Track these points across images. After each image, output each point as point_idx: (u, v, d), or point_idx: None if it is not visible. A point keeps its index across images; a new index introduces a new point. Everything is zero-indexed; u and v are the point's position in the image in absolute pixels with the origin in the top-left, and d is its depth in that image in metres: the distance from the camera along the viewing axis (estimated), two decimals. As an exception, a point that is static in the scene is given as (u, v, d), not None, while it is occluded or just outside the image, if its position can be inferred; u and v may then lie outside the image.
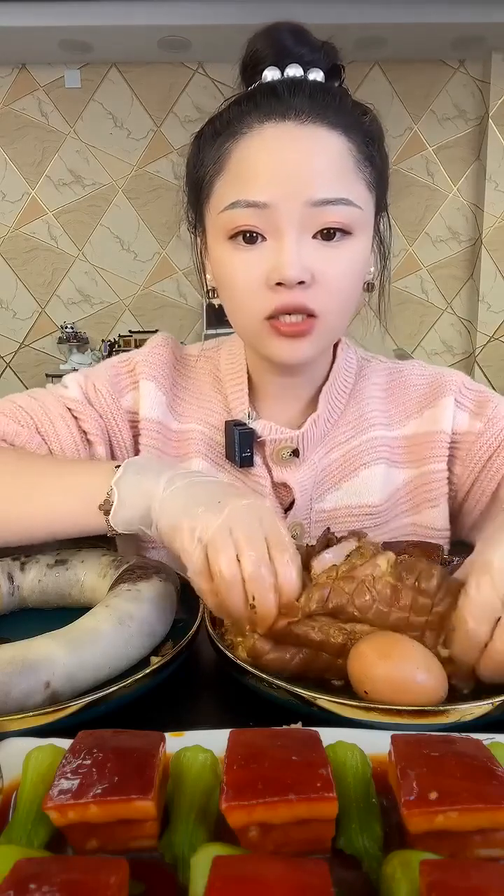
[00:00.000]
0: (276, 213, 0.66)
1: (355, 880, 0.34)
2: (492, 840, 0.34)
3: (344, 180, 0.67)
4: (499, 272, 4.22)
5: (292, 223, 0.66)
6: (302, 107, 0.67)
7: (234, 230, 0.68)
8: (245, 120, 0.68)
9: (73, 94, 4.10)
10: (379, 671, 0.48)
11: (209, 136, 0.72)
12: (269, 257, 0.67)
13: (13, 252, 4.27)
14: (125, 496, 0.61)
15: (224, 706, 0.56)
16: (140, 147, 4.19)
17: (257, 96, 0.69)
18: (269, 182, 0.66)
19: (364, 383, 0.85)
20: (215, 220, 0.70)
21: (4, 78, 4.06)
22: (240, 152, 0.68)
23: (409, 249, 4.30)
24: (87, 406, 0.80)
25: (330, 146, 0.67)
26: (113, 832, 0.35)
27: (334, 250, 0.68)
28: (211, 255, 0.74)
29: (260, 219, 0.67)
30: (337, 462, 0.83)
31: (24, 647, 0.50)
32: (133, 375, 0.83)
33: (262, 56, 0.71)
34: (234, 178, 0.68)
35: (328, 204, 0.66)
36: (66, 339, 4.19)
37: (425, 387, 0.85)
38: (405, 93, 4.12)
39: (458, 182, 4.24)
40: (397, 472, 0.84)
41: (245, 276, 0.69)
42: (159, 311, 4.33)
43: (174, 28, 3.55)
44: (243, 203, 0.66)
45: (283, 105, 0.67)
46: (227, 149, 0.69)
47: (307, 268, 0.66)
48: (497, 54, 3.92)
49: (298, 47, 0.71)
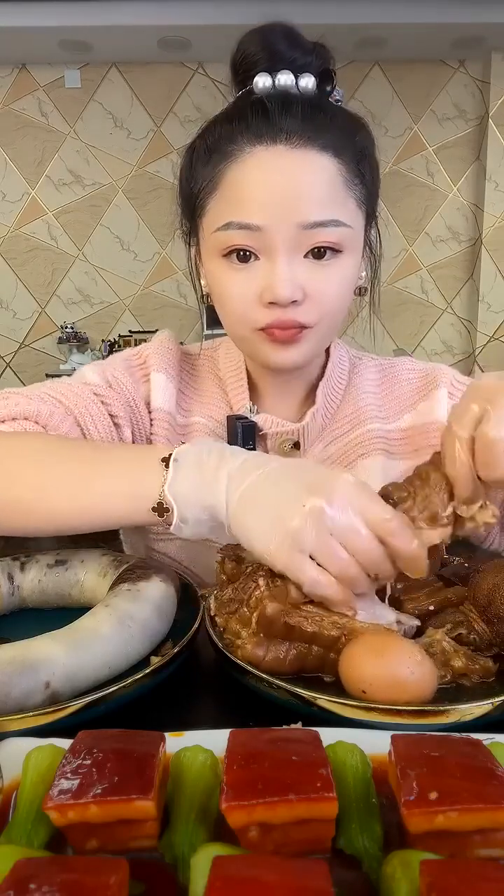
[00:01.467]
0: (268, 235, 0.68)
1: (355, 880, 0.34)
2: (492, 840, 0.34)
3: (334, 201, 0.69)
4: (499, 272, 4.22)
5: (284, 244, 0.68)
6: (293, 128, 0.67)
7: (228, 249, 0.70)
8: (237, 140, 0.69)
9: (73, 94, 4.10)
10: (375, 670, 0.48)
11: (202, 152, 0.73)
12: (261, 276, 0.69)
13: (13, 252, 4.27)
14: (185, 512, 0.56)
15: (224, 706, 0.56)
16: (140, 147, 4.19)
17: (248, 116, 0.69)
18: (261, 205, 0.67)
19: (358, 379, 0.88)
20: (209, 237, 0.72)
21: (4, 78, 4.06)
22: (232, 174, 0.69)
23: (409, 249, 4.30)
24: (110, 391, 0.80)
25: (321, 169, 0.68)
26: (113, 832, 0.35)
27: (325, 268, 0.70)
28: (205, 267, 0.76)
29: (253, 239, 0.68)
30: (336, 454, 0.85)
31: (24, 647, 0.50)
32: (145, 368, 0.85)
33: (253, 60, 0.72)
34: (226, 200, 0.69)
35: (319, 226, 0.68)
36: (66, 339, 4.19)
37: (417, 381, 0.88)
38: (405, 93, 4.12)
39: (458, 182, 4.24)
40: (396, 463, 0.86)
41: (239, 292, 0.71)
42: (159, 311, 4.33)
43: (174, 28, 3.55)
44: (236, 225, 0.68)
45: (273, 127, 0.68)
46: (219, 170, 0.70)
47: (299, 286, 0.68)
48: (497, 54, 3.92)
49: (291, 51, 0.71)
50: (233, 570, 0.62)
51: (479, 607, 0.57)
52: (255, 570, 0.58)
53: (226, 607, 0.58)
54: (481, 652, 0.55)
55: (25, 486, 0.63)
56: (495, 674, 0.53)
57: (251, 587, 0.55)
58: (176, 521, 0.57)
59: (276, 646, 0.53)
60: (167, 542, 0.84)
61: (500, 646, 0.56)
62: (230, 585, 0.60)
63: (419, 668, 0.48)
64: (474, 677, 0.53)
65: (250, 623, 0.54)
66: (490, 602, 0.57)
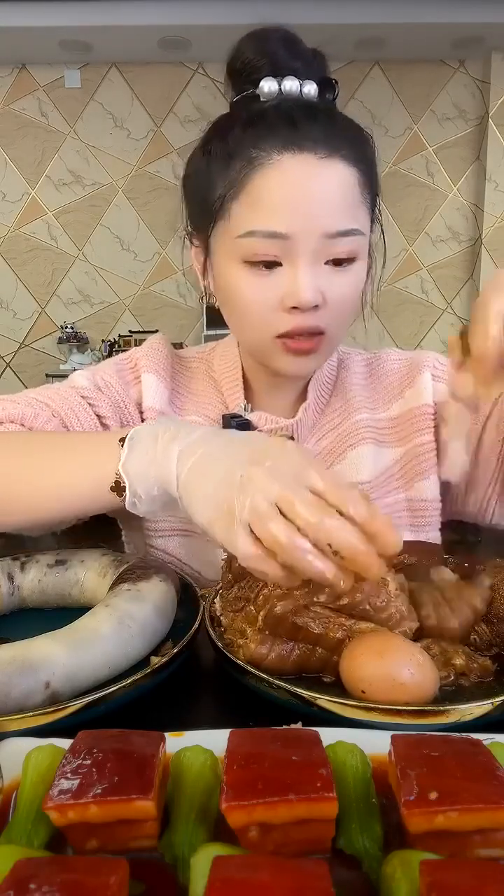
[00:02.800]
0: (293, 243, 0.68)
1: (355, 880, 0.34)
2: (492, 840, 0.34)
3: (355, 210, 0.71)
4: (499, 272, 4.22)
5: (308, 252, 0.69)
6: (319, 137, 0.68)
7: (254, 258, 0.70)
8: (261, 146, 0.69)
9: (73, 94, 4.11)
10: (375, 670, 0.48)
11: (221, 154, 0.72)
12: (284, 282, 0.70)
13: (13, 252, 4.27)
14: (137, 488, 0.56)
15: (224, 706, 0.56)
16: (140, 147, 4.19)
17: (271, 118, 0.69)
18: (289, 214, 0.68)
19: (345, 373, 0.91)
20: (230, 242, 0.72)
21: (4, 78, 4.06)
22: (258, 181, 0.69)
23: (409, 249, 4.30)
24: (98, 393, 0.82)
25: (344, 179, 0.69)
26: (113, 832, 0.35)
27: (343, 274, 0.72)
28: (218, 270, 0.75)
29: (277, 247, 0.69)
30: (328, 447, 0.87)
31: (24, 647, 0.50)
32: (136, 370, 0.86)
33: (254, 66, 0.72)
34: (252, 207, 0.69)
35: (342, 235, 0.69)
36: (66, 339, 4.19)
37: (403, 370, 0.90)
38: (405, 93, 4.12)
39: (458, 182, 4.25)
40: (386, 451, 0.87)
41: (260, 297, 0.71)
42: (159, 311, 4.33)
43: (174, 28, 3.55)
44: (262, 233, 0.69)
45: (300, 135, 0.68)
46: (243, 175, 0.70)
47: (320, 291, 0.70)
48: (497, 54, 3.92)
49: (292, 60, 0.72)
50: (240, 568, 0.62)
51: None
52: None
53: (231, 605, 0.58)
54: (481, 652, 0.56)
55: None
56: (494, 673, 0.53)
57: (259, 585, 0.56)
58: (129, 496, 0.57)
59: (280, 644, 0.53)
60: (166, 538, 0.85)
61: (499, 646, 0.56)
62: (236, 584, 0.60)
63: (419, 670, 0.48)
64: (473, 677, 0.53)
65: (256, 621, 0.54)
66: (490, 602, 0.57)
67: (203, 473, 0.52)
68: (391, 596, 0.54)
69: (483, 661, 0.53)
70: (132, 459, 0.57)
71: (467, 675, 0.53)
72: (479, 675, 0.53)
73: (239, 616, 0.57)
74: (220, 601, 0.61)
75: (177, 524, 0.85)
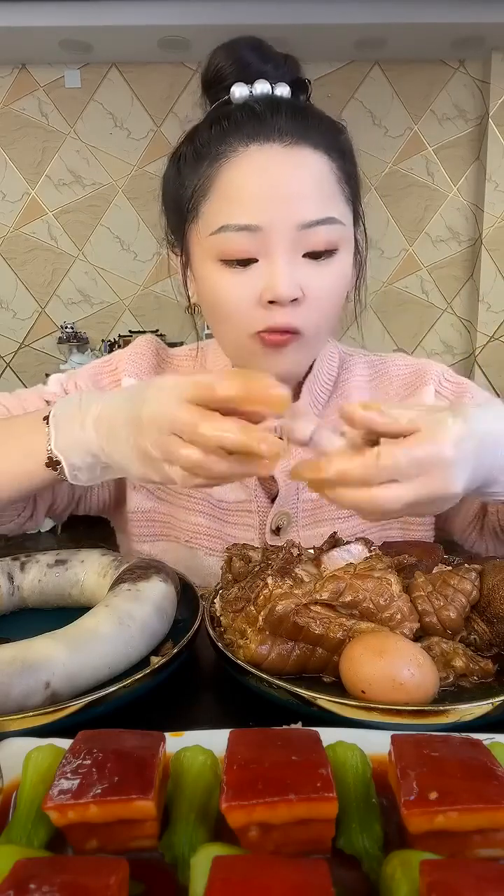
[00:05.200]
0: (267, 236, 0.67)
1: (355, 880, 0.34)
2: (492, 840, 0.34)
3: (330, 199, 0.69)
4: (499, 272, 4.22)
5: (283, 244, 0.67)
6: (284, 127, 0.67)
7: (225, 256, 0.69)
8: (227, 141, 0.68)
9: (73, 94, 4.10)
10: (375, 670, 0.48)
11: (189, 157, 0.72)
12: (261, 276, 0.68)
13: (13, 252, 4.27)
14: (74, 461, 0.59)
15: (224, 706, 0.56)
16: (140, 147, 4.19)
17: (236, 115, 0.69)
18: (259, 205, 0.67)
19: (347, 375, 0.88)
20: (203, 242, 0.70)
21: (4, 78, 4.06)
22: (226, 175, 0.68)
23: (409, 249, 4.30)
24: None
25: (315, 167, 0.68)
26: (113, 832, 0.35)
27: (322, 267, 0.70)
28: (196, 274, 0.75)
29: (251, 241, 0.68)
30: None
31: (24, 647, 0.50)
32: (115, 374, 0.85)
33: (225, 73, 0.72)
34: (221, 201, 0.69)
35: (317, 224, 0.67)
36: (66, 339, 4.19)
37: (408, 376, 0.88)
38: (405, 93, 4.11)
39: (458, 182, 4.24)
40: None
41: (237, 295, 0.70)
42: (159, 311, 4.33)
43: (174, 28, 3.55)
44: (234, 227, 0.67)
45: (265, 126, 0.67)
46: (210, 172, 0.69)
47: (299, 285, 0.68)
48: (497, 54, 3.92)
49: (262, 64, 0.72)
50: (240, 569, 0.62)
51: (479, 607, 0.57)
52: (263, 568, 0.58)
53: (232, 606, 0.58)
54: (481, 652, 0.56)
55: None
56: (494, 674, 0.53)
57: (259, 585, 0.56)
58: (69, 471, 0.60)
59: (280, 644, 0.53)
60: (151, 543, 0.85)
61: (499, 646, 0.56)
62: (236, 584, 0.60)
63: (419, 670, 0.48)
64: (473, 678, 0.53)
65: (256, 621, 0.54)
66: (490, 602, 0.57)
67: (115, 430, 0.55)
68: (394, 595, 0.54)
69: (484, 663, 0.53)
70: (60, 439, 0.60)
71: (468, 676, 0.53)
72: (480, 676, 0.53)
73: (239, 616, 0.57)
74: (220, 601, 0.61)
75: (158, 529, 0.85)
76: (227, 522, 0.83)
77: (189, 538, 0.83)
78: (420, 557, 0.64)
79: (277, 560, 0.59)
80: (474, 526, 0.86)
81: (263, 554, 0.63)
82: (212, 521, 0.83)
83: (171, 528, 0.85)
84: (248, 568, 0.62)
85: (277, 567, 0.57)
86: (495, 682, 0.53)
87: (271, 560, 0.60)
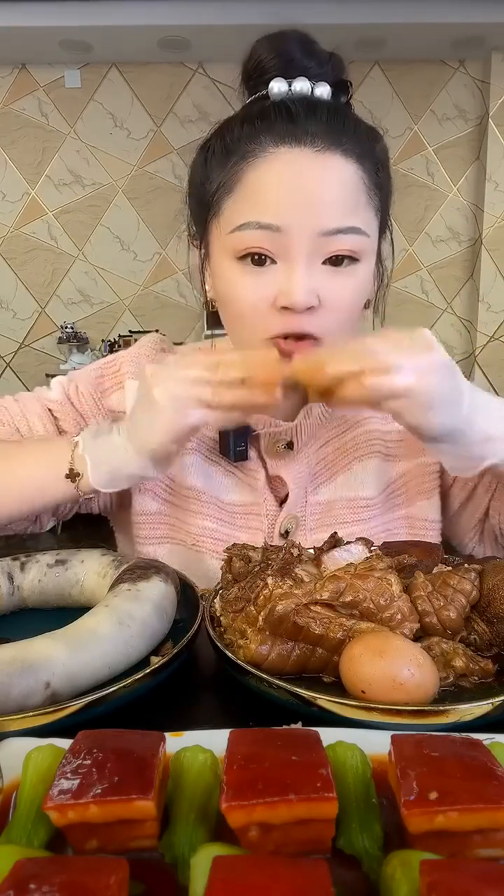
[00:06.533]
0: (287, 238, 0.66)
1: (355, 880, 0.34)
2: (492, 840, 0.34)
3: (355, 209, 0.68)
4: (499, 272, 4.22)
5: (303, 250, 0.66)
6: (318, 131, 0.66)
7: (244, 251, 0.68)
8: (258, 140, 0.67)
9: (73, 94, 4.11)
10: (375, 670, 0.48)
11: (218, 151, 0.71)
12: (277, 280, 0.67)
13: (13, 252, 4.27)
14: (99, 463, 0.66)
15: (224, 706, 0.56)
16: (140, 147, 4.19)
17: (271, 115, 0.68)
18: (282, 207, 0.66)
19: None
20: (223, 239, 0.70)
21: (4, 78, 4.06)
22: (253, 174, 0.67)
23: (409, 249, 4.30)
24: (67, 406, 0.81)
25: (344, 175, 0.67)
26: (113, 832, 0.35)
27: (342, 276, 0.68)
28: (214, 270, 0.74)
29: (270, 242, 0.66)
30: (331, 455, 0.85)
31: (24, 647, 0.50)
32: (118, 376, 0.84)
33: (268, 66, 0.70)
34: (245, 200, 0.68)
35: (339, 233, 0.66)
36: (66, 339, 4.19)
37: None
38: (405, 93, 4.12)
39: (458, 182, 4.25)
40: (392, 465, 0.86)
41: (252, 297, 0.69)
42: (159, 311, 4.33)
43: (174, 28, 3.55)
44: (254, 225, 0.66)
45: (298, 129, 0.66)
46: (238, 169, 0.68)
47: (315, 293, 0.67)
48: (497, 54, 3.92)
49: (306, 60, 0.70)
50: (240, 569, 0.62)
51: (479, 607, 0.57)
52: (263, 568, 0.58)
53: (231, 606, 0.58)
54: (481, 652, 0.56)
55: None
56: (494, 674, 0.53)
57: (259, 585, 0.56)
58: (92, 475, 0.65)
59: (280, 644, 0.53)
60: (157, 545, 0.84)
61: (499, 646, 0.56)
62: (236, 584, 0.60)
63: (419, 670, 0.48)
64: (473, 678, 0.53)
65: (256, 621, 0.54)
66: (490, 602, 0.57)
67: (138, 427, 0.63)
68: (394, 595, 0.54)
69: (484, 663, 0.53)
70: (86, 449, 0.66)
71: (467, 676, 0.53)
72: (480, 676, 0.53)
73: (239, 616, 0.57)
74: (220, 601, 0.61)
75: (164, 531, 0.84)
76: (235, 525, 0.83)
77: (195, 541, 0.83)
78: (420, 557, 0.64)
79: (277, 560, 0.59)
80: (476, 530, 0.86)
81: (263, 554, 0.63)
82: (219, 524, 0.83)
83: (176, 531, 0.84)
84: (248, 568, 0.62)
85: (277, 567, 0.57)
86: (495, 682, 0.53)
87: (271, 560, 0.60)
